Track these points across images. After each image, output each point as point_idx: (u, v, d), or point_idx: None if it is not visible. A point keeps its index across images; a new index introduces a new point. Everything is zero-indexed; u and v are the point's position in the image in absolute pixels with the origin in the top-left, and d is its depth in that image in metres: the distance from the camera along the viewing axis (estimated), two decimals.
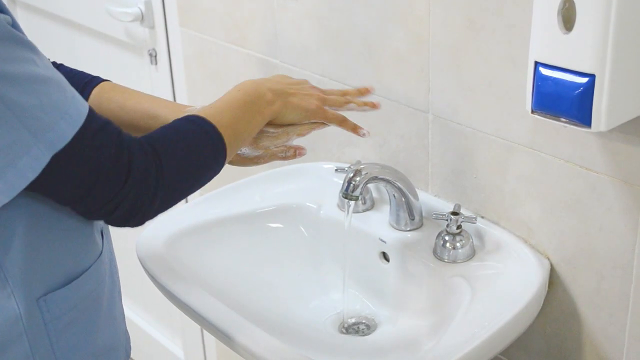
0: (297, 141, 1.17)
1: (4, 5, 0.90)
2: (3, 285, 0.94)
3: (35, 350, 0.97)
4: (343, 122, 1.17)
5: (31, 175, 0.86)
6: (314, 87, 1.18)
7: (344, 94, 1.20)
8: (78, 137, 0.88)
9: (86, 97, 1.18)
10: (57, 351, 0.99)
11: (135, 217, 0.95)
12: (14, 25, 0.89)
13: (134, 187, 0.92)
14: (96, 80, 1.20)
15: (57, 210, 0.95)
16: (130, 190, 0.92)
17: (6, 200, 0.88)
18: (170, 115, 1.16)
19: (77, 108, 0.89)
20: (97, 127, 0.91)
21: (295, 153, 1.18)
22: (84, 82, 1.19)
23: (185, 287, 1.21)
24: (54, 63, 1.19)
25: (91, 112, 0.91)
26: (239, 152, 1.15)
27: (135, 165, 0.92)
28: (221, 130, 1.02)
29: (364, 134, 1.18)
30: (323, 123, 1.17)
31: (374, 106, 1.20)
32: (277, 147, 1.16)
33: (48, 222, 0.95)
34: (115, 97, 1.19)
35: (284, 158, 1.18)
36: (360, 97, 1.21)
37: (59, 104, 0.87)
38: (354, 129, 1.18)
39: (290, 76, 1.20)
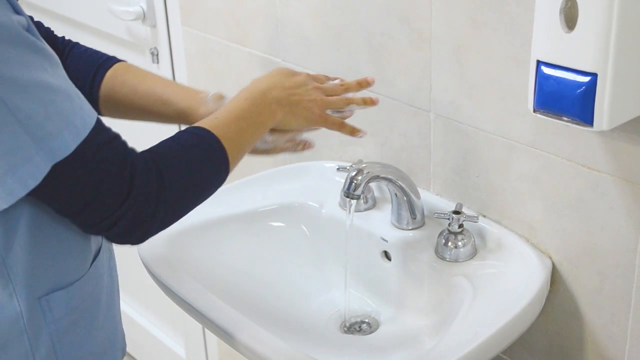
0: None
1: (19, 6, 0.89)
2: (5, 283, 0.94)
3: (36, 350, 0.97)
4: (342, 127, 1.17)
5: (32, 183, 0.85)
6: (315, 89, 1.15)
7: (344, 88, 1.18)
8: (81, 149, 0.87)
9: (100, 79, 1.17)
10: (58, 351, 0.99)
11: (134, 234, 0.94)
12: (29, 27, 0.88)
13: (134, 205, 0.91)
14: (111, 62, 1.19)
15: None
16: (129, 207, 0.91)
17: (5, 206, 0.87)
18: (183, 102, 1.16)
19: (83, 119, 0.88)
20: (102, 140, 0.89)
21: (304, 147, 1.18)
22: (98, 64, 1.18)
23: (187, 286, 1.21)
24: (69, 41, 1.19)
25: (98, 124, 0.90)
26: None
27: (137, 183, 0.91)
28: (225, 143, 1.01)
29: (361, 136, 1.18)
30: None
31: (372, 102, 1.19)
32: (286, 142, 1.16)
33: (52, 221, 0.95)
34: (129, 81, 1.19)
35: (293, 151, 1.18)
36: (360, 90, 1.20)
37: (65, 113, 0.86)
38: (352, 132, 1.18)
39: (290, 70, 1.17)
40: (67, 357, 1.00)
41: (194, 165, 0.98)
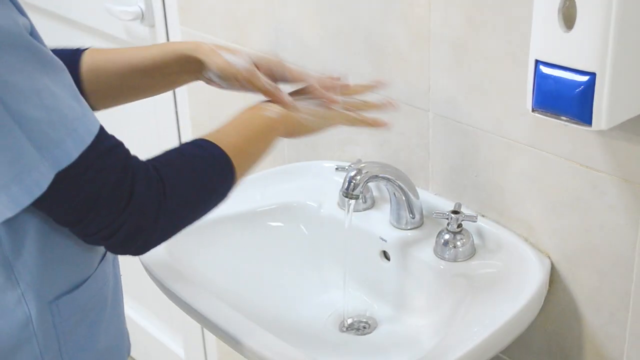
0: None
1: (22, 8, 0.88)
2: (13, 287, 0.93)
3: (45, 353, 0.97)
4: (363, 121, 1.16)
5: (37, 192, 0.84)
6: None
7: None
8: (83, 157, 0.85)
9: (77, 63, 1.14)
10: (64, 353, 0.99)
11: (133, 244, 0.92)
12: (32, 31, 0.87)
13: (134, 214, 0.89)
14: (80, 49, 1.18)
15: None
16: (129, 217, 0.88)
17: (10, 215, 0.86)
18: (181, 43, 1.16)
19: (87, 126, 0.86)
20: (104, 148, 0.88)
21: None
22: (70, 52, 1.15)
23: (186, 287, 1.21)
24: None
25: (102, 131, 0.88)
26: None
27: (137, 192, 0.89)
28: (230, 152, 0.99)
29: (387, 127, 1.16)
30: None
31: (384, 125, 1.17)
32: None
33: (60, 226, 0.93)
34: (110, 51, 1.18)
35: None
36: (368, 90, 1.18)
37: (68, 120, 0.85)
38: (374, 123, 1.16)
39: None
40: (72, 358, 1.00)
41: (197, 176, 0.96)
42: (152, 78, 1.17)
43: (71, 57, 1.15)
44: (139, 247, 0.93)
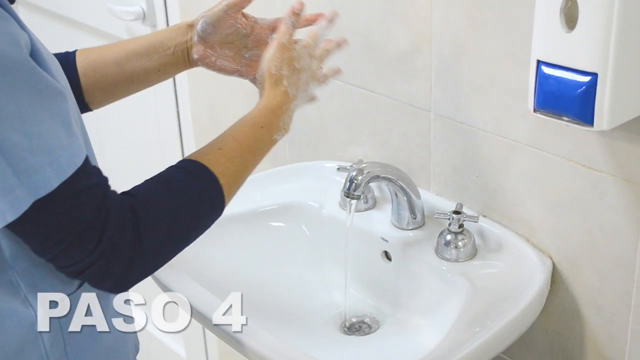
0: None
1: (23, 22, 0.87)
2: (17, 291, 0.93)
3: (51, 353, 0.97)
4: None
5: (10, 217, 0.82)
6: (311, 58, 1.14)
7: (329, 45, 1.18)
8: (61, 189, 0.83)
9: (73, 61, 1.15)
10: (69, 352, 0.99)
11: (106, 283, 0.91)
12: (33, 46, 0.85)
13: (103, 256, 0.87)
14: (72, 51, 1.18)
15: None
16: (97, 259, 0.87)
17: None
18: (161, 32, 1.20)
19: (70, 158, 0.84)
20: (83, 185, 0.86)
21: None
22: (62, 56, 1.15)
23: (187, 287, 1.21)
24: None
25: (84, 166, 0.86)
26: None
27: (108, 236, 0.86)
28: (223, 181, 0.97)
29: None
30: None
31: (344, 41, 1.20)
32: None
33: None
34: (101, 47, 1.20)
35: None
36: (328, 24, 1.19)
37: (50, 149, 0.83)
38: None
39: (289, 51, 1.13)
40: (77, 358, 1.00)
41: (180, 212, 0.94)
42: (148, 59, 1.18)
43: (65, 59, 1.15)
44: (113, 285, 0.92)
